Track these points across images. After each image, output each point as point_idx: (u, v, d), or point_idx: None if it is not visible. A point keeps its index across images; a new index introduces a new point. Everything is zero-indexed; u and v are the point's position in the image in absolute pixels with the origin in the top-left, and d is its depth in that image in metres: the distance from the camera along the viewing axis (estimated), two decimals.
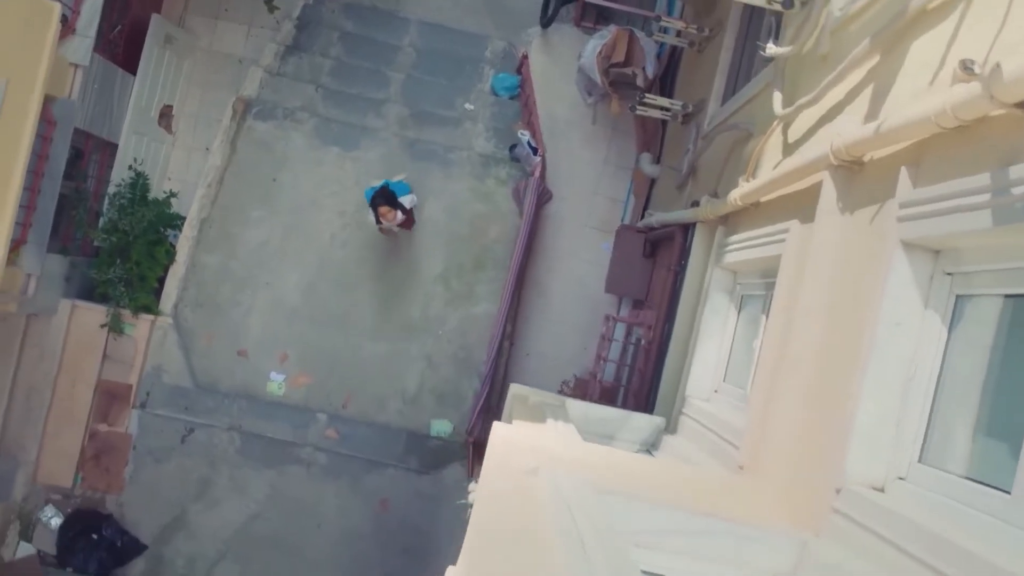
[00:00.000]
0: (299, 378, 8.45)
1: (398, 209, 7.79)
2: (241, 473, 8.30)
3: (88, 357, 8.23)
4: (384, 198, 7.72)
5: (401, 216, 7.81)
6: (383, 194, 7.74)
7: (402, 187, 8.03)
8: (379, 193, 7.76)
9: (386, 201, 7.71)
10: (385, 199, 7.72)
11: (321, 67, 8.82)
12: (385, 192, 7.76)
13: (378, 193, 7.77)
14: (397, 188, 7.92)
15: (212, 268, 8.49)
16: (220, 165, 8.54)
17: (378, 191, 7.79)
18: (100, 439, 8.28)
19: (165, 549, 8.25)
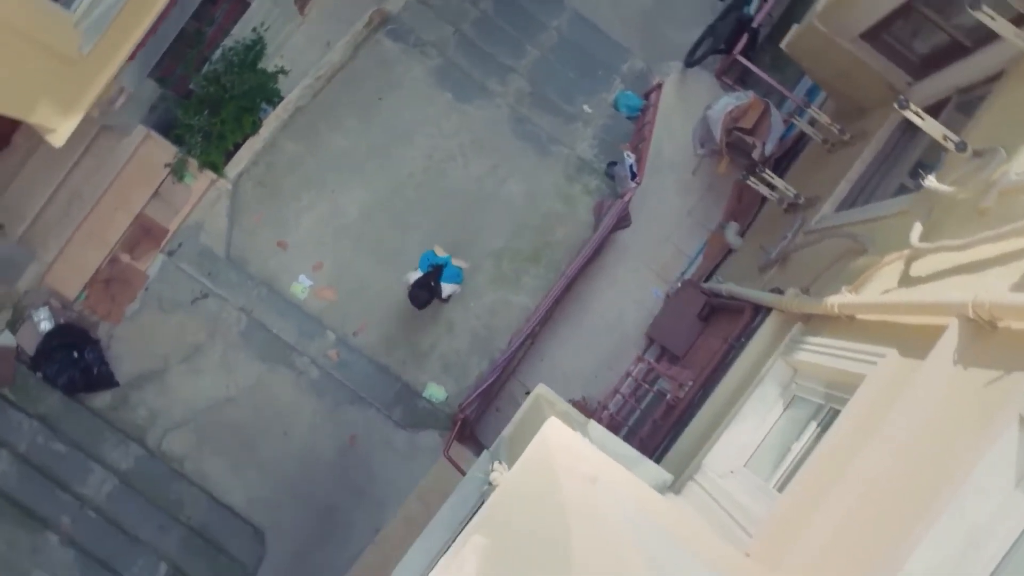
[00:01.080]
0: (324, 291, 8.45)
1: (422, 299, 7.66)
2: (234, 355, 8.29)
3: (140, 188, 8.22)
4: (427, 286, 7.59)
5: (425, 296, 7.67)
6: (432, 277, 7.63)
7: (455, 273, 7.88)
8: (432, 274, 7.65)
9: (427, 291, 7.59)
10: (428, 289, 7.58)
11: (467, 14, 8.82)
12: (437, 274, 7.65)
13: (431, 274, 7.65)
14: (450, 273, 7.78)
15: (288, 156, 8.49)
16: (336, 64, 8.54)
17: (431, 272, 7.66)
18: (118, 268, 8.29)
19: (133, 394, 8.25)
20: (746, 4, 8.54)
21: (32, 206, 8.00)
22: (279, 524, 8.21)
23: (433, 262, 7.75)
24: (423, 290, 7.58)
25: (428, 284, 7.60)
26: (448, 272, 7.78)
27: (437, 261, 7.77)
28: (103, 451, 8.10)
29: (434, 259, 7.79)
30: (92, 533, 7.93)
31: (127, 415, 8.22)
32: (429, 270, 7.69)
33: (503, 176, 8.53)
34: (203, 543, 8.06)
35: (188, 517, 8.11)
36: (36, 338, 8.15)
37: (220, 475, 8.23)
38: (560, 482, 3.14)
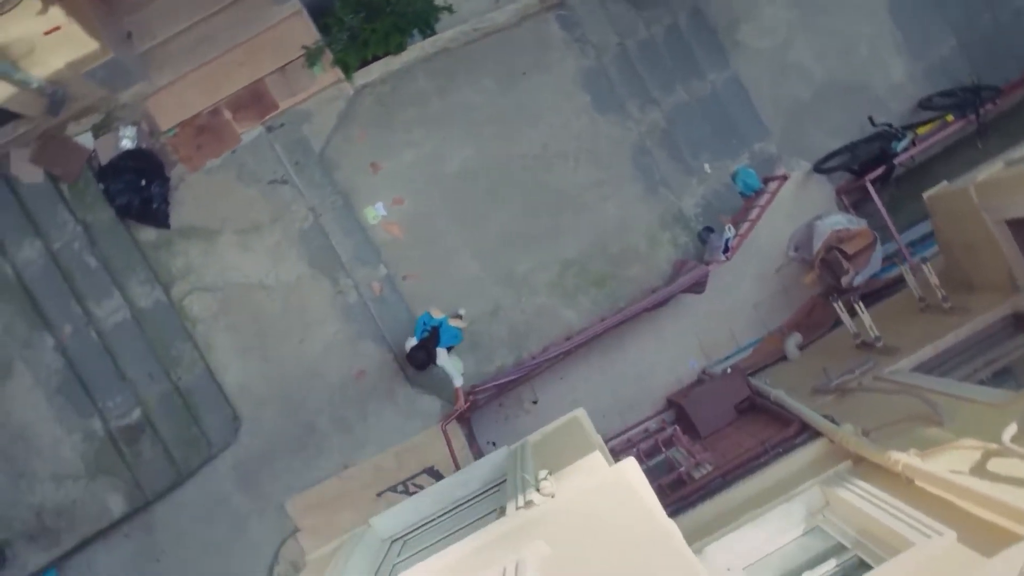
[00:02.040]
0: (394, 226, 8.44)
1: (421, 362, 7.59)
2: (287, 248, 8.28)
3: (270, 57, 8.21)
4: (425, 348, 7.53)
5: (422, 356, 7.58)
6: (427, 343, 7.58)
7: (453, 334, 7.84)
8: (429, 338, 7.61)
9: (423, 351, 7.53)
10: (424, 349, 7.53)
11: (636, 32, 8.80)
12: (433, 338, 7.60)
13: (428, 339, 7.61)
14: (447, 335, 7.72)
15: (416, 89, 8.47)
16: (497, 24, 8.52)
17: (428, 337, 7.61)
18: (217, 121, 8.27)
19: (178, 242, 8.24)
20: (896, 139, 8.53)
21: (166, 29, 7.96)
22: (258, 420, 8.21)
23: (429, 325, 7.72)
24: (419, 351, 7.56)
25: (425, 347, 7.58)
26: (445, 333, 7.73)
27: (432, 323, 7.74)
28: (129, 282, 8.09)
29: (430, 321, 7.75)
30: (86, 352, 7.92)
31: (165, 259, 8.22)
32: (425, 335, 7.65)
33: (604, 194, 8.52)
34: (182, 407, 8.06)
35: (179, 377, 8.11)
36: (113, 152, 8.13)
37: (224, 352, 8.23)
38: (623, 516, 3.13)
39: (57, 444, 7.86)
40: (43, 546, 7.86)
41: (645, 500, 3.12)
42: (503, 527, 3.65)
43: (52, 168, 8.01)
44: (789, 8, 9.06)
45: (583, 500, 3.32)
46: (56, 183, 8.05)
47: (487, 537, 3.70)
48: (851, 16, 9.05)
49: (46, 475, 7.85)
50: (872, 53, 9.11)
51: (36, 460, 7.85)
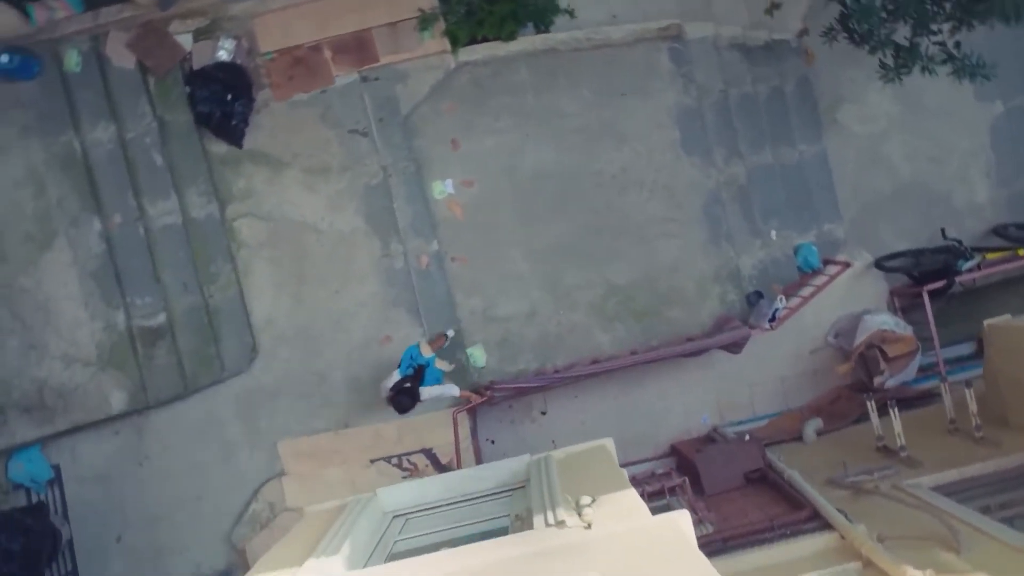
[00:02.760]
0: (456, 206, 8.43)
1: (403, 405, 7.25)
2: (348, 199, 8.27)
3: (385, 10, 8.22)
4: (409, 393, 7.20)
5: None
6: (412, 380, 7.30)
7: (436, 376, 7.54)
8: (413, 377, 7.32)
9: (407, 396, 7.20)
10: (408, 394, 7.19)
11: (742, 83, 8.78)
12: (418, 377, 7.34)
13: (412, 377, 7.32)
14: (430, 377, 7.43)
15: (515, 80, 8.45)
16: (610, 40, 8.50)
17: (413, 375, 7.33)
18: (315, 57, 8.26)
19: (246, 164, 8.22)
20: (963, 258, 8.52)
21: None
22: (274, 357, 8.21)
23: (416, 361, 7.49)
24: (404, 395, 7.20)
25: (408, 388, 7.25)
26: (430, 374, 7.49)
27: (420, 361, 7.54)
28: (188, 189, 8.08)
29: (417, 357, 7.54)
30: (129, 246, 7.90)
31: (228, 176, 8.21)
32: (410, 371, 7.37)
33: (668, 232, 8.52)
34: (206, 324, 8.05)
35: (210, 294, 8.10)
36: (208, 59, 8.12)
37: (261, 281, 8.22)
38: (676, 568, 3.12)
39: (76, 326, 7.83)
40: (36, 421, 7.84)
41: (700, 558, 3.11)
42: (534, 542, 3.65)
43: (145, 59, 8.00)
44: (894, 101, 9.06)
45: (629, 539, 3.31)
46: (145, 74, 8.04)
47: (514, 548, 3.70)
48: (953, 126, 9.06)
49: (58, 353, 7.83)
50: (962, 167, 9.12)
51: (52, 336, 7.83)
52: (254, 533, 8.07)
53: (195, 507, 8.14)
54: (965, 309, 8.97)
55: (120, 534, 8.13)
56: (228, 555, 8.12)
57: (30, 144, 7.76)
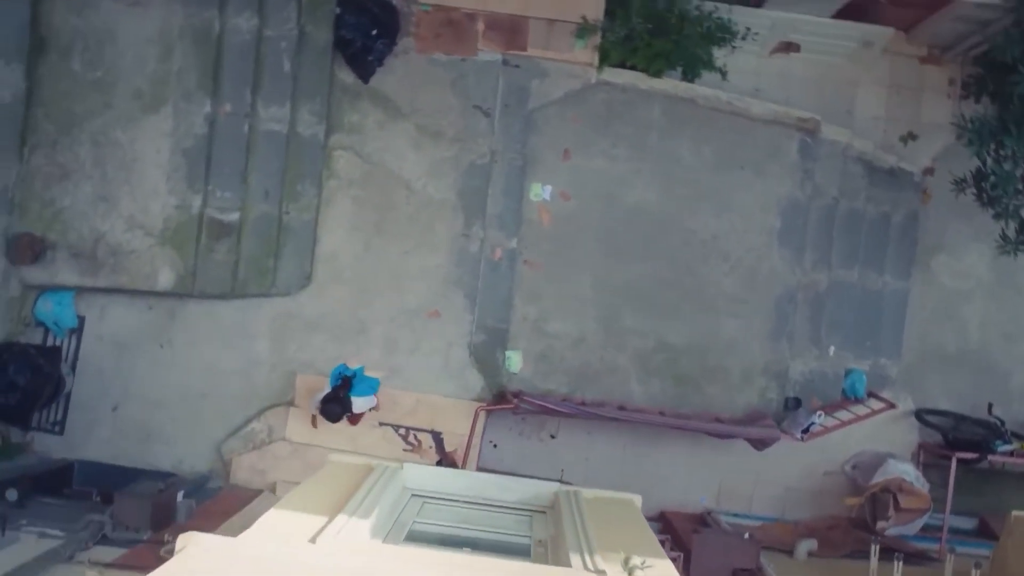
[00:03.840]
0: (546, 213, 8.43)
1: (333, 413, 7.50)
2: (449, 169, 8.24)
3: (549, 5, 8.27)
4: (338, 400, 7.46)
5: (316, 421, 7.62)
6: (340, 392, 7.51)
7: (370, 385, 7.78)
8: (341, 387, 7.54)
9: (336, 404, 7.45)
10: (338, 401, 7.45)
11: (855, 197, 8.77)
12: (346, 386, 7.54)
13: (340, 387, 7.53)
14: (363, 385, 7.66)
15: (645, 115, 8.41)
16: (746, 111, 8.49)
17: (340, 385, 7.54)
18: (467, 24, 8.27)
19: (365, 102, 8.20)
20: (1002, 439, 8.52)
21: None
22: (324, 292, 8.22)
23: (343, 374, 7.67)
24: (334, 404, 7.45)
25: (338, 397, 7.48)
26: (360, 385, 7.66)
27: (347, 373, 7.69)
28: (303, 104, 8.06)
29: (344, 371, 7.70)
30: (230, 138, 7.88)
31: (344, 106, 8.22)
32: (338, 383, 7.57)
33: (734, 312, 8.51)
34: (274, 238, 8.04)
35: (287, 211, 8.10)
36: None
37: (338, 216, 8.22)
38: None
39: (152, 195, 7.82)
40: (81, 268, 7.83)
41: None
42: None
43: None
44: (990, 268, 9.05)
45: None
46: None
47: None
48: None
49: (125, 213, 7.82)
50: None
51: (126, 195, 7.82)
52: (244, 450, 8.07)
53: (197, 405, 8.14)
54: (978, 485, 8.99)
55: (117, 404, 8.13)
56: (213, 462, 8.11)
57: (173, 8, 7.74)
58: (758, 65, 8.93)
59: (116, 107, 7.77)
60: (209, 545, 3.55)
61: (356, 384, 7.70)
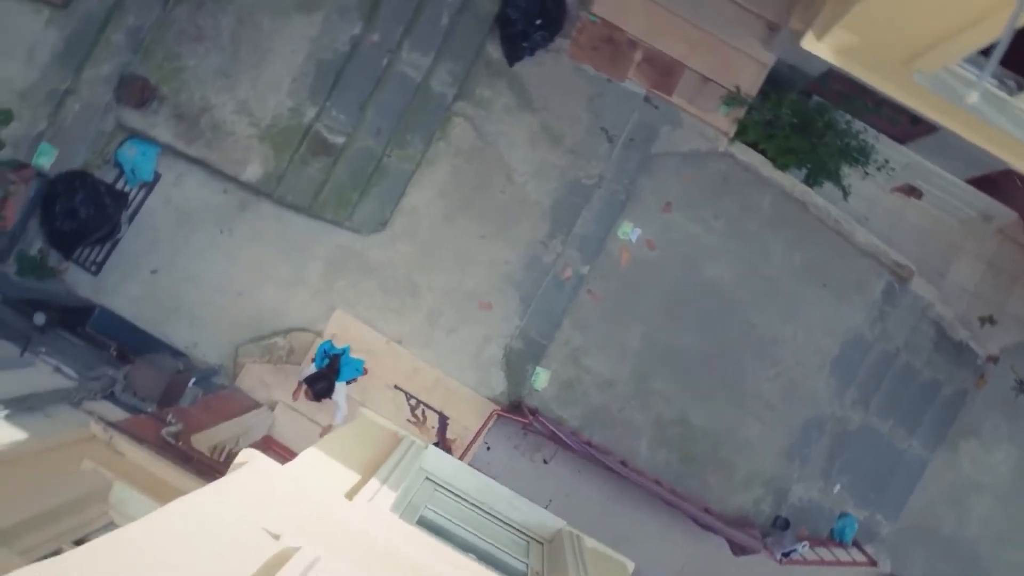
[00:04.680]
0: (626, 254, 8.42)
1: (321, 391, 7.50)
2: (555, 178, 8.28)
3: (707, 63, 8.28)
4: (326, 378, 7.47)
5: (308, 394, 7.54)
6: (327, 373, 7.50)
7: (355, 367, 7.71)
8: (330, 368, 7.52)
9: (324, 381, 7.46)
10: (326, 379, 7.46)
11: (917, 354, 8.78)
12: (332, 369, 7.52)
13: (329, 368, 7.53)
14: (349, 368, 7.61)
15: (755, 201, 8.45)
16: (850, 235, 8.49)
17: (328, 366, 7.53)
18: (627, 51, 8.26)
19: (502, 81, 8.25)
20: None
21: None
22: (392, 243, 8.25)
23: (329, 353, 7.66)
24: (323, 381, 7.49)
25: (327, 377, 7.52)
26: (346, 368, 7.63)
27: (334, 351, 7.68)
28: (444, 63, 8.10)
29: (331, 350, 7.69)
30: (365, 66, 7.89)
31: (481, 79, 8.26)
32: (324, 363, 7.59)
33: (761, 417, 8.53)
34: (367, 175, 8.07)
35: (389, 154, 8.12)
36: None
37: (433, 177, 8.26)
38: None
39: (272, 90, 7.83)
40: (177, 130, 7.84)
41: None
42: None
43: None
44: (1012, 470, 9.08)
45: None
46: None
47: None
48: None
49: (240, 97, 7.82)
50: (1019, 566, 9.13)
51: (247, 80, 7.82)
52: (260, 360, 8.08)
53: (233, 300, 8.14)
54: None
55: (158, 269, 8.13)
56: (225, 359, 8.11)
57: None
58: (876, 196, 8.92)
59: None
60: (263, 469, 3.56)
61: (343, 367, 7.63)
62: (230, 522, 2.93)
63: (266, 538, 2.87)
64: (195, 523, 2.79)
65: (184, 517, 2.76)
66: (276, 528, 2.95)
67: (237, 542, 2.82)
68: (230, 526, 2.88)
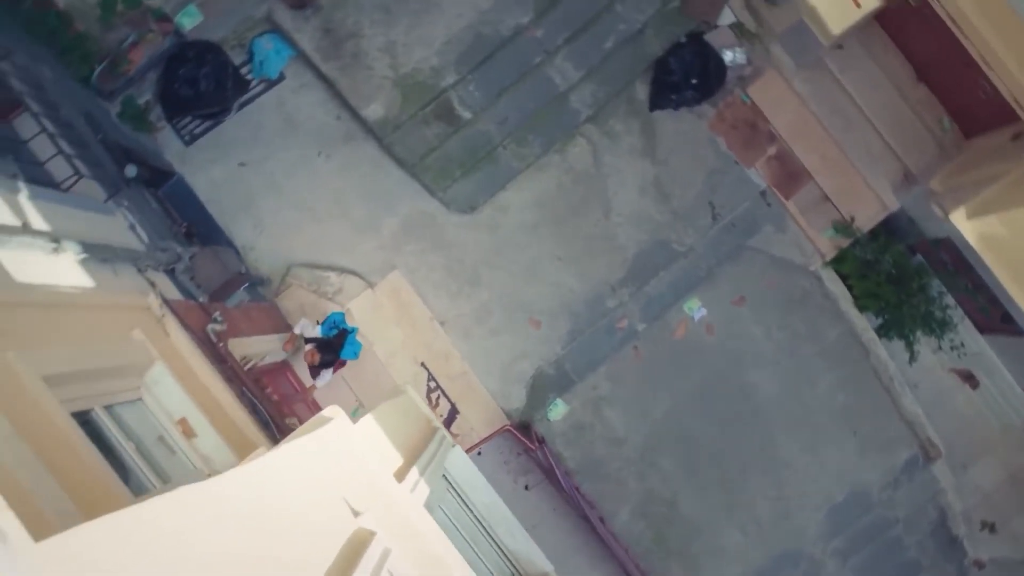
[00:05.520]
0: (684, 327, 8.41)
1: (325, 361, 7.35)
2: (647, 228, 8.32)
3: (833, 183, 8.26)
4: (333, 351, 7.34)
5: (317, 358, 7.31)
6: (335, 346, 7.36)
7: (356, 350, 7.56)
8: (336, 340, 7.38)
9: (332, 353, 7.33)
10: (332, 352, 7.33)
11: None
12: (339, 343, 7.38)
13: (336, 340, 7.38)
14: (351, 348, 7.47)
15: (823, 333, 8.44)
16: (906, 412, 8.50)
17: (335, 338, 7.39)
18: (762, 141, 8.24)
19: (636, 120, 8.26)
20: None
21: None
22: (473, 231, 8.27)
23: (339, 326, 7.51)
24: (328, 353, 7.35)
25: (333, 349, 7.39)
26: (349, 345, 7.49)
27: (343, 327, 7.53)
28: (590, 82, 8.10)
29: (341, 323, 7.54)
30: (516, 56, 7.91)
31: (618, 113, 8.30)
32: (332, 332, 7.45)
33: (745, 528, 8.54)
34: (477, 158, 8.06)
35: (504, 147, 8.09)
36: (719, 40, 8.11)
37: (537, 185, 8.29)
38: None
39: (423, 43, 7.83)
40: (319, 43, 7.82)
41: None
42: None
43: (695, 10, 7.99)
44: None
45: None
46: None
47: None
48: None
49: (392, 37, 7.81)
50: None
51: (405, 25, 7.83)
52: (306, 286, 8.05)
53: (303, 220, 8.12)
54: None
55: (247, 163, 8.11)
56: (274, 273, 8.08)
57: None
58: (934, 368, 8.91)
59: None
60: (343, 429, 3.54)
61: (347, 345, 7.50)
62: (315, 483, 2.92)
63: (347, 512, 2.85)
64: (288, 475, 2.77)
65: (278, 469, 2.75)
66: (355, 502, 2.94)
67: (319, 507, 2.81)
68: (315, 487, 2.87)
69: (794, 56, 7.93)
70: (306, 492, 2.85)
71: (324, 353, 7.42)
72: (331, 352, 7.45)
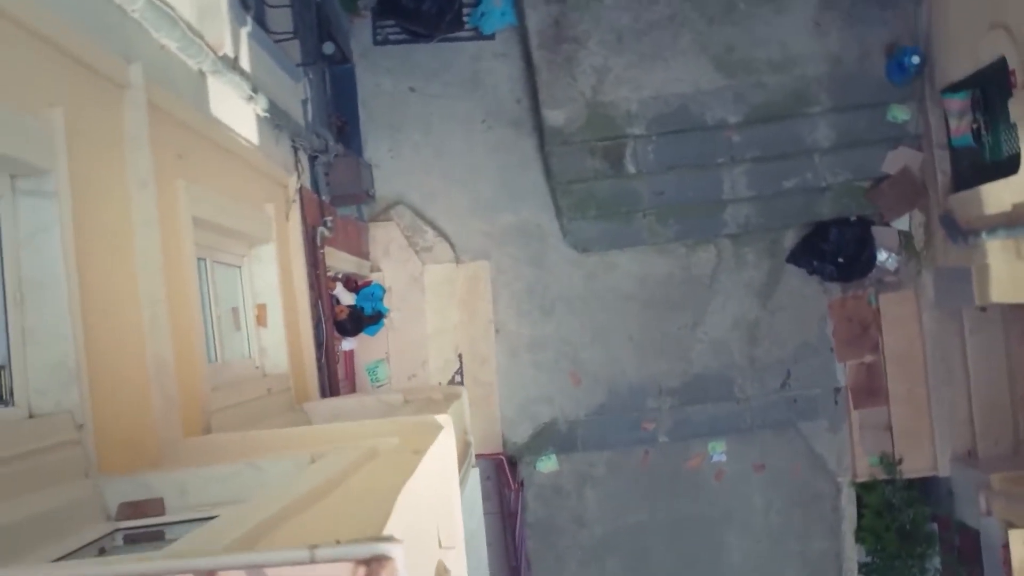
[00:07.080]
0: (698, 461, 8.39)
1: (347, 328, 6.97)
2: (731, 331, 8.28)
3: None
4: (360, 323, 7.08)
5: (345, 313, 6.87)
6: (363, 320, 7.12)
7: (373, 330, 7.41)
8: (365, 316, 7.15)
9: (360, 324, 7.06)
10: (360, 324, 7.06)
11: None
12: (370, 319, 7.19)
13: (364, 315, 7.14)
14: (374, 328, 7.32)
15: None
16: None
17: (364, 312, 7.14)
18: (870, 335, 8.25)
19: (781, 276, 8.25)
20: None
21: None
22: (569, 264, 8.22)
23: (374, 301, 7.33)
24: (353, 321, 6.98)
25: (359, 320, 7.09)
26: (375, 325, 7.35)
27: (377, 305, 7.37)
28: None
29: (379, 302, 7.39)
30: (702, 148, 7.90)
31: (749, 240, 8.21)
32: (362, 308, 7.19)
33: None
34: (617, 213, 8.03)
35: (645, 215, 8.07)
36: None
37: (647, 262, 8.25)
38: None
39: (631, 85, 7.84)
40: (543, 27, 7.85)
41: None
42: None
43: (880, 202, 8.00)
44: None
45: None
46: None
47: None
48: None
49: (609, 64, 7.82)
50: None
51: (624, 58, 7.83)
52: (404, 227, 8.00)
53: (435, 168, 8.15)
54: None
55: (416, 90, 8.13)
56: (384, 200, 8.02)
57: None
58: None
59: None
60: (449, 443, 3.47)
61: (372, 324, 7.36)
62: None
63: (434, 543, 2.81)
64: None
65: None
66: (444, 533, 2.91)
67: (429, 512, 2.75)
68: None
69: (938, 293, 7.92)
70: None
71: (356, 323, 7.14)
72: (360, 324, 7.19)
